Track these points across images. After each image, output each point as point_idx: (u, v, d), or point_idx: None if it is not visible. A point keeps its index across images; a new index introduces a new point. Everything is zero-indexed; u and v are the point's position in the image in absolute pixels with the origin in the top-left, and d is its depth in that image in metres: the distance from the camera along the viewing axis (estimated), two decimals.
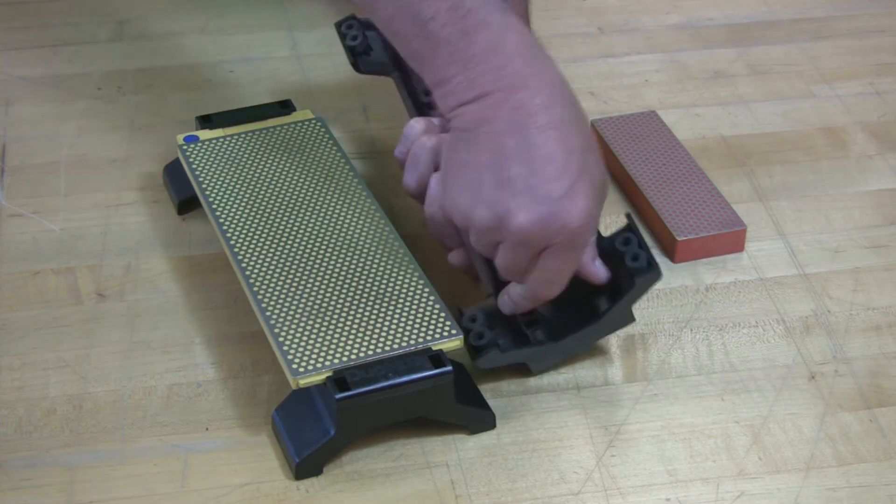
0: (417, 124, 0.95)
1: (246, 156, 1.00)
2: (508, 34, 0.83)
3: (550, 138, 0.82)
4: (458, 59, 0.83)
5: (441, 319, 0.87)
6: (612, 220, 1.03)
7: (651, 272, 0.87)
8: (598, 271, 0.88)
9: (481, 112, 0.83)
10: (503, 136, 0.82)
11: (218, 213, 0.95)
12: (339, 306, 0.88)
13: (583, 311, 0.90)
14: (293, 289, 0.89)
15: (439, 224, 0.91)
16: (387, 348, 0.85)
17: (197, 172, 0.99)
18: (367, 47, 1.06)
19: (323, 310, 0.87)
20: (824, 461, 0.86)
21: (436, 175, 0.91)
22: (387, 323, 0.86)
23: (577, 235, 0.83)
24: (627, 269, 0.87)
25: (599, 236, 0.90)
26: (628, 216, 0.89)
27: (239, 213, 0.95)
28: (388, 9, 0.86)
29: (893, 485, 0.85)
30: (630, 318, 0.90)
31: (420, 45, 0.85)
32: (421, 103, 1.02)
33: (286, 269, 0.90)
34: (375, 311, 0.87)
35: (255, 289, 0.89)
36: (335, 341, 0.85)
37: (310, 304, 0.88)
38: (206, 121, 1.04)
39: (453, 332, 0.86)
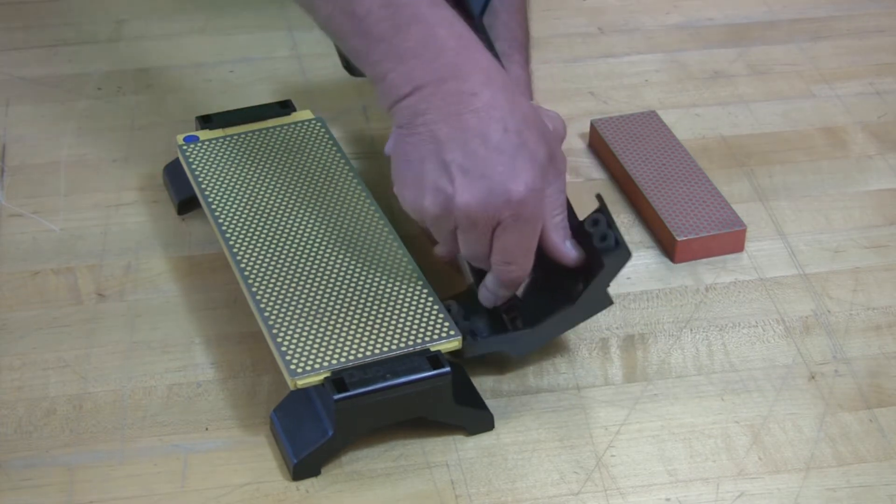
0: None
1: (246, 156, 1.00)
2: (440, 28, 0.85)
3: (483, 120, 0.83)
4: (392, 54, 0.85)
5: (439, 320, 0.87)
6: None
7: (619, 251, 0.87)
8: (568, 252, 0.89)
9: (416, 105, 0.84)
10: (438, 125, 0.84)
11: (217, 214, 0.95)
12: (337, 307, 0.88)
13: (560, 296, 0.90)
14: (292, 289, 0.89)
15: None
16: (385, 349, 0.85)
17: (197, 172, 0.99)
18: None
19: (321, 310, 0.87)
20: (824, 461, 0.86)
21: None
22: (385, 323, 0.86)
23: (522, 209, 0.84)
24: (596, 249, 0.87)
25: (574, 219, 0.90)
26: (599, 197, 0.89)
27: (238, 213, 0.95)
28: (326, 8, 0.87)
29: (893, 485, 0.85)
30: (607, 301, 0.90)
31: (357, 42, 0.86)
32: None
33: (285, 269, 0.90)
34: (374, 312, 0.87)
35: (254, 289, 0.89)
36: (333, 342, 0.85)
37: (308, 304, 0.88)
38: (206, 121, 1.04)
39: (451, 332, 0.86)
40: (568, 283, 0.90)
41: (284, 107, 1.06)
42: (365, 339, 0.85)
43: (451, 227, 0.86)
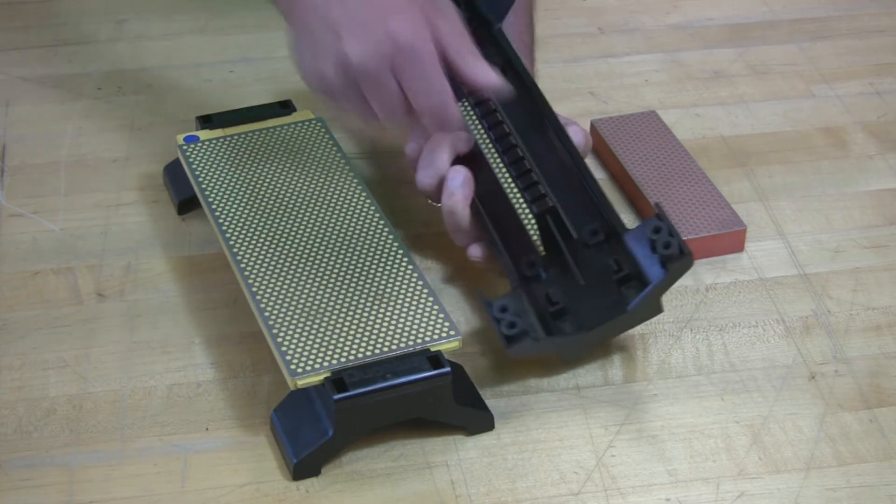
0: None
1: (246, 156, 1.00)
2: None
3: None
4: None
5: (440, 320, 0.87)
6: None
7: (684, 259, 0.86)
8: (485, 73, 0.90)
9: None
10: (317, 1, 0.88)
11: (217, 214, 0.95)
12: (337, 307, 0.88)
13: (609, 301, 0.89)
14: (292, 289, 0.89)
15: (427, 189, 0.94)
16: (385, 349, 0.85)
17: (197, 172, 0.99)
18: None
19: (321, 310, 0.87)
20: (824, 461, 0.86)
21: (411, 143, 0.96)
22: (385, 323, 0.86)
23: (412, 45, 0.86)
24: (659, 256, 0.87)
25: (620, 224, 0.89)
26: (658, 206, 0.89)
27: (238, 213, 0.95)
28: None
29: (893, 485, 0.85)
30: (658, 309, 0.90)
31: None
32: None
33: (285, 269, 0.90)
34: (374, 312, 0.87)
35: (254, 289, 0.89)
36: (333, 342, 0.85)
37: (308, 304, 0.88)
38: (206, 121, 1.04)
39: (451, 332, 0.86)
40: (617, 289, 0.89)
41: (284, 107, 1.06)
42: (365, 339, 0.85)
43: (352, 82, 0.88)
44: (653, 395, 0.91)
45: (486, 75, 0.90)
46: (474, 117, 0.99)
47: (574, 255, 0.91)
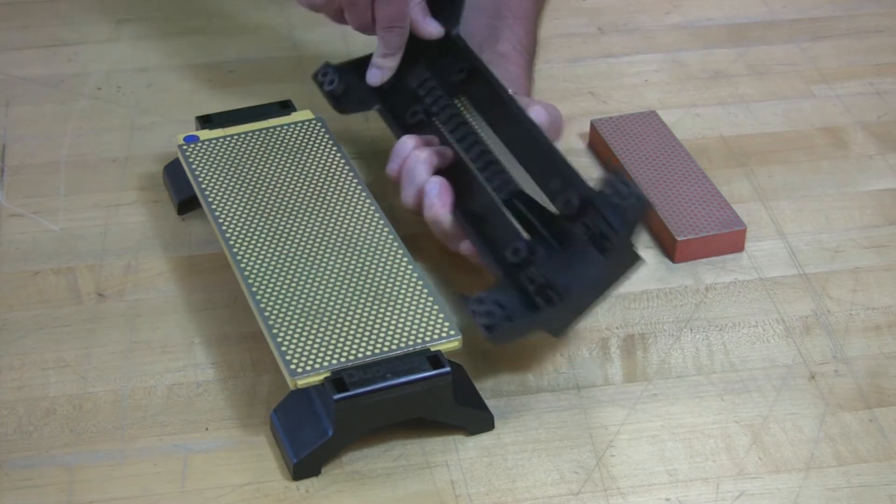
0: (409, 140, 0.98)
1: (246, 156, 1.00)
2: None
3: None
4: None
5: (439, 320, 0.87)
6: None
7: (633, 200, 0.86)
8: (429, 26, 1.03)
9: None
10: None
11: (217, 214, 0.95)
12: (337, 306, 0.88)
13: (588, 269, 0.89)
14: (292, 289, 0.89)
15: (412, 205, 0.97)
16: (385, 349, 0.85)
17: (197, 172, 0.99)
18: (345, 89, 1.06)
19: (321, 310, 0.87)
20: (824, 461, 0.86)
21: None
22: (385, 323, 0.86)
23: None
24: (615, 206, 0.87)
25: (588, 189, 0.90)
26: (608, 164, 0.89)
27: (238, 213, 0.95)
28: None
29: (893, 485, 0.85)
30: (636, 258, 0.89)
31: None
32: (407, 124, 1.03)
33: (285, 269, 0.90)
34: (374, 312, 0.87)
35: (254, 289, 0.89)
36: (333, 342, 0.85)
37: (308, 304, 0.88)
38: (206, 121, 1.04)
39: (451, 332, 0.86)
40: (595, 251, 0.89)
41: (284, 107, 1.06)
42: (365, 338, 0.85)
43: (338, 5, 1.02)
44: (653, 395, 0.91)
45: (429, 30, 1.04)
46: (437, 125, 1.00)
47: (556, 231, 0.91)
